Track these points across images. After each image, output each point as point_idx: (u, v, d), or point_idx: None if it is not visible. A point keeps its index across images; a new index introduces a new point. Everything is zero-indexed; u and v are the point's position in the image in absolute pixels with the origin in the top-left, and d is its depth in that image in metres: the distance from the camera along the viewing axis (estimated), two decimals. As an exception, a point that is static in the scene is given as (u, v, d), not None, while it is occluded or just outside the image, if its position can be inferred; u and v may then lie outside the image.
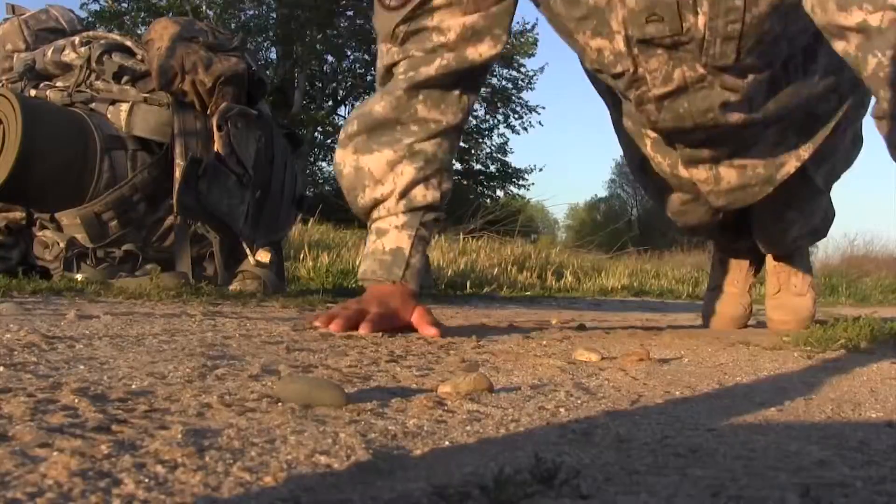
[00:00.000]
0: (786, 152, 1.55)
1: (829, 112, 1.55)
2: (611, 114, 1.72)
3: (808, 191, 1.71)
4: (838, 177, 1.79)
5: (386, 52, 1.40)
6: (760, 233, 1.90)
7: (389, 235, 1.36)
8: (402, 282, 1.33)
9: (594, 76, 1.57)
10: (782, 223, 1.82)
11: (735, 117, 1.41)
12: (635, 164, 1.74)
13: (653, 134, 1.56)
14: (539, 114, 17.84)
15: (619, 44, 1.33)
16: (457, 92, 1.39)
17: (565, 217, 29.56)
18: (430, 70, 1.35)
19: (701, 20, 1.26)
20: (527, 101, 16.20)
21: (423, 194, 1.37)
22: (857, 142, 1.74)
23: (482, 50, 1.35)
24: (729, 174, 1.55)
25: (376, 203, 1.38)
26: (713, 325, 2.08)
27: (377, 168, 1.37)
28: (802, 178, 1.63)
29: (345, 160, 1.41)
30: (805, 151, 1.54)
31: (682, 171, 1.58)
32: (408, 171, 1.36)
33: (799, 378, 0.97)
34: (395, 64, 1.39)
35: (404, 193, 1.36)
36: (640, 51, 1.33)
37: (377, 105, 1.39)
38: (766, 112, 1.43)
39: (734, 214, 1.80)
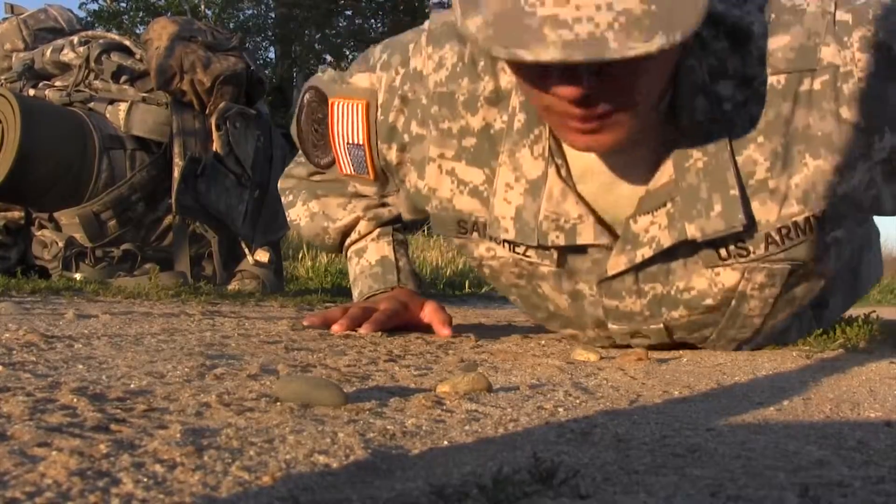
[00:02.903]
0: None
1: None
2: None
3: None
4: None
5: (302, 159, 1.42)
6: None
7: (370, 250, 1.36)
8: (399, 286, 1.33)
9: None
10: None
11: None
12: None
13: None
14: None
15: (591, 333, 1.23)
16: None
17: (564, 217, 29.54)
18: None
19: (707, 330, 1.17)
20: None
21: (388, 210, 1.38)
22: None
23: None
24: None
25: (344, 233, 1.39)
26: None
27: (330, 209, 1.39)
28: None
29: (299, 214, 1.42)
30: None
31: None
32: (361, 204, 1.38)
33: (797, 378, 0.97)
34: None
35: (368, 213, 1.37)
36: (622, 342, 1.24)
37: (315, 175, 1.40)
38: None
39: None
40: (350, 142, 1.23)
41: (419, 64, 1.14)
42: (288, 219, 1.46)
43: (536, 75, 0.90)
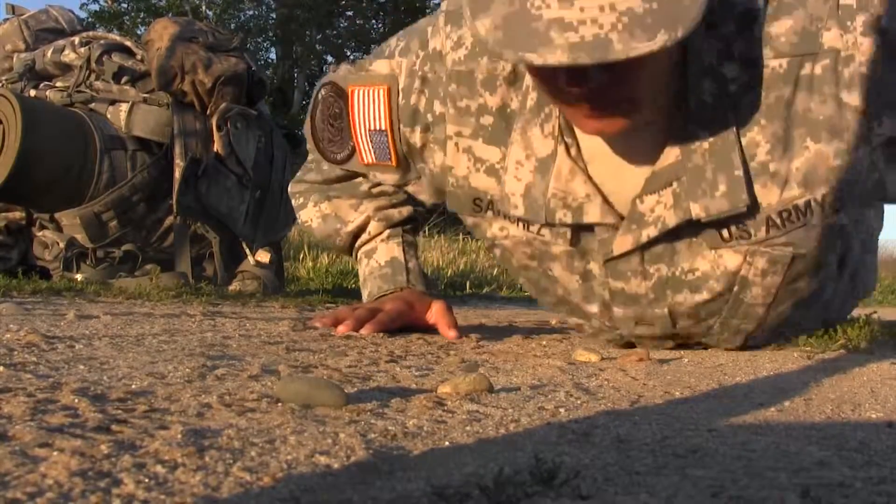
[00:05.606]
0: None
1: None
2: None
3: None
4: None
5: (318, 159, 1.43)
6: None
7: (379, 251, 1.37)
8: (409, 286, 1.33)
9: None
10: None
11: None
12: None
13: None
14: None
15: (596, 323, 1.24)
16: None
17: (565, 217, 29.55)
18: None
19: (711, 320, 1.17)
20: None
21: (398, 212, 1.39)
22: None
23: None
24: None
25: (355, 234, 1.39)
26: None
27: (342, 211, 1.39)
28: None
29: (310, 216, 1.42)
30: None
31: None
32: (372, 205, 1.38)
33: (799, 378, 0.96)
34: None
35: (378, 214, 1.38)
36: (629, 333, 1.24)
37: (329, 176, 1.42)
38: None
39: None
40: (372, 128, 1.25)
41: (438, 44, 1.16)
42: (299, 220, 1.47)
43: (546, 73, 0.92)
